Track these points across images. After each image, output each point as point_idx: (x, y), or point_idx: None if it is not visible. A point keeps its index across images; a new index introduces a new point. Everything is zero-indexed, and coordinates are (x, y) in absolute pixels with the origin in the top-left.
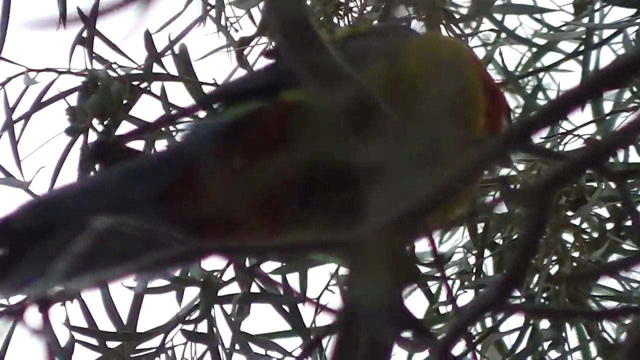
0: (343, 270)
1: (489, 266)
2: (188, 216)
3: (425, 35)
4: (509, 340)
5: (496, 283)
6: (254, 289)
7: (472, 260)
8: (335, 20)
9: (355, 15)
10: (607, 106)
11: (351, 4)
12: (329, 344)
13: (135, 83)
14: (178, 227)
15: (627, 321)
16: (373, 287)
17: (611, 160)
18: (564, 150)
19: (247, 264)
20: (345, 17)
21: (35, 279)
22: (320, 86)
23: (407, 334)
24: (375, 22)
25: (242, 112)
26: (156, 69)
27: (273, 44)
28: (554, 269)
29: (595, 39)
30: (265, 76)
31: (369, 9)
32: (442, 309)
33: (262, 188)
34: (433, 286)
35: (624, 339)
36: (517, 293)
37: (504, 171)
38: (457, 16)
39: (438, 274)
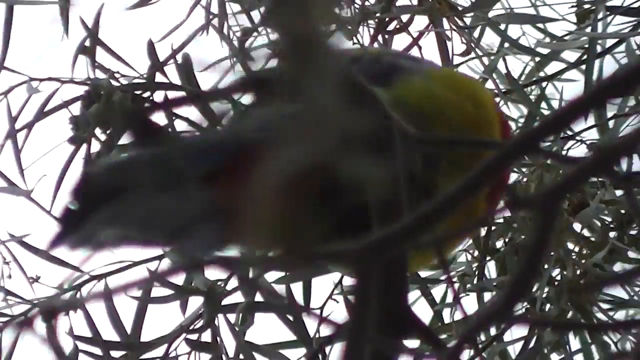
0: (347, 280)
1: (491, 269)
2: (225, 203)
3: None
4: (513, 350)
5: (503, 292)
6: (258, 298)
7: (474, 263)
8: (337, 11)
9: (358, 6)
10: (610, 110)
11: None
12: (331, 352)
13: (138, 92)
14: (214, 213)
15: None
16: (380, 296)
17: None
18: (570, 155)
19: (251, 274)
20: (348, 9)
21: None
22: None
23: (415, 342)
24: (378, 14)
25: (286, 111)
26: (159, 78)
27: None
28: (555, 273)
29: (598, 48)
30: None
31: (371, 0)
32: (445, 314)
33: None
34: (435, 289)
35: (628, 348)
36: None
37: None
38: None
39: (441, 278)
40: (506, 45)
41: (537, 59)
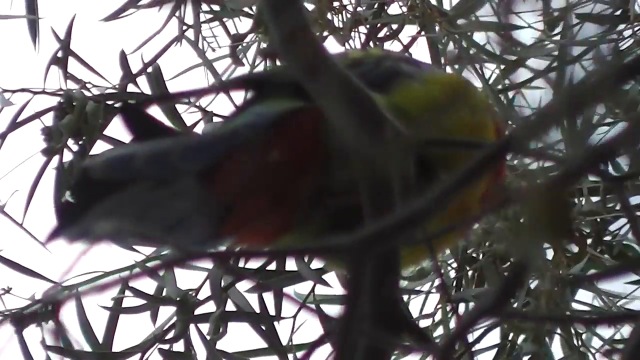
0: (319, 289)
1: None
2: (220, 198)
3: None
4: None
5: (495, 289)
6: (230, 307)
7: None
8: (329, 17)
9: (350, 12)
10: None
11: (345, 1)
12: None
13: (110, 103)
14: (208, 209)
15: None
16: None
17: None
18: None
19: (222, 283)
20: (340, 14)
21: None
22: (319, 92)
23: (406, 341)
24: (369, 20)
25: (284, 108)
26: (131, 88)
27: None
28: (533, 284)
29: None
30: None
31: (363, 7)
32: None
33: (286, 183)
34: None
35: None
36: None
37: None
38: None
39: (417, 288)
40: (472, 51)
41: (503, 66)
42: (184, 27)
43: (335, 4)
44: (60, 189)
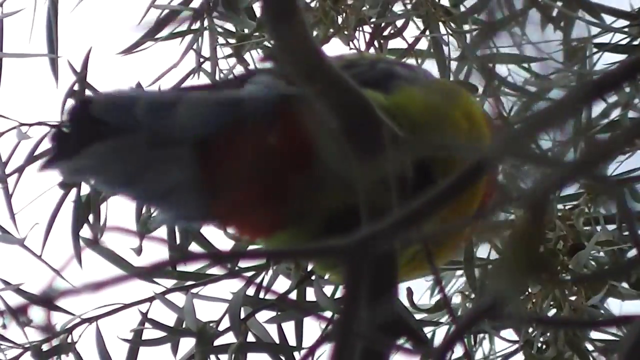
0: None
1: None
2: (213, 174)
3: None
4: None
5: (491, 291)
6: (250, 338)
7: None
8: (332, 16)
9: (353, 12)
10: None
11: (349, 1)
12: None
13: None
14: (201, 183)
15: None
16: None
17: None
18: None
19: (242, 314)
20: (344, 14)
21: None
22: (316, 94)
23: (403, 342)
24: (374, 19)
25: (290, 89)
26: None
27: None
28: (551, 313)
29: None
30: None
31: (367, 6)
32: None
33: (280, 173)
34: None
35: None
36: (516, 337)
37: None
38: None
39: (434, 320)
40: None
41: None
42: (201, 60)
43: (339, 3)
44: (78, 221)
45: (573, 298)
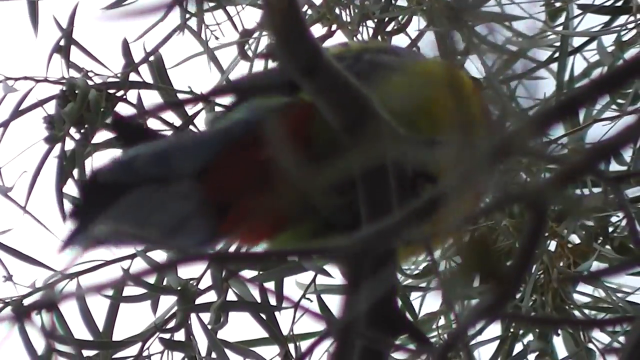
0: (320, 279)
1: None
2: (217, 197)
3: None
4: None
5: (492, 288)
6: (231, 296)
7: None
8: (337, 12)
9: (357, 7)
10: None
11: None
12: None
13: (112, 91)
14: (207, 209)
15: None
16: (370, 295)
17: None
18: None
19: (223, 273)
20: (347, 9)
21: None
22: (315, 91)
23: (403, 341)
24: (377, 14)
25: (271, 104)
26: (133, 77)
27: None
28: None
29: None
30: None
31: (370, 1)
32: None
33: (278, 181)
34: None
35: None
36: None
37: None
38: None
39: (422, 285)
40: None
41: (505, 57)
42: (187, 16)
43: None
44: (62, 176)
45: (561, 264)
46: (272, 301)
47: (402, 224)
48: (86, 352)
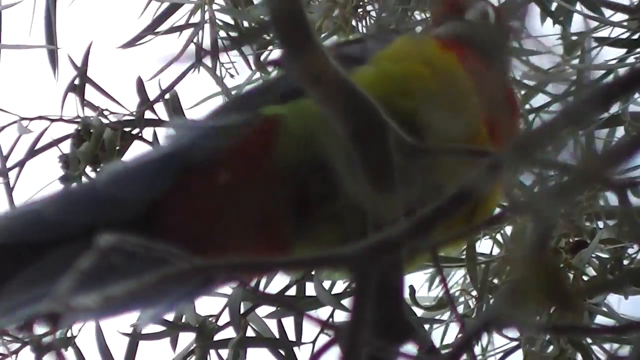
0: (338, 314)
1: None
2: (182, 235)
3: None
4: None
5: (496, 298)
6: (250, 333)
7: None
8: (353, 23)
9: (373, 18)
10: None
11: (369, 7)
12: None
13: (127, 129)
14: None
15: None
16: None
17: None
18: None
19: (242, 308)
20: (364, 20)
21: (26, 304)
22: (322, 98)
23: (411, 348)
24: (393, 26)
25: (227, 125)
26: (148, 115)
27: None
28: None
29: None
30: (276, 86)
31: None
32: None
33: (253, 205)
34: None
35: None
36: (517, 335)
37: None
38: None
39: (437, 317)
40: None
41: (524, 91)
42: (202, 54)
43: (359, 10)
44: None
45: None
46: (291, 336)
47: (408, 232)
48: None
